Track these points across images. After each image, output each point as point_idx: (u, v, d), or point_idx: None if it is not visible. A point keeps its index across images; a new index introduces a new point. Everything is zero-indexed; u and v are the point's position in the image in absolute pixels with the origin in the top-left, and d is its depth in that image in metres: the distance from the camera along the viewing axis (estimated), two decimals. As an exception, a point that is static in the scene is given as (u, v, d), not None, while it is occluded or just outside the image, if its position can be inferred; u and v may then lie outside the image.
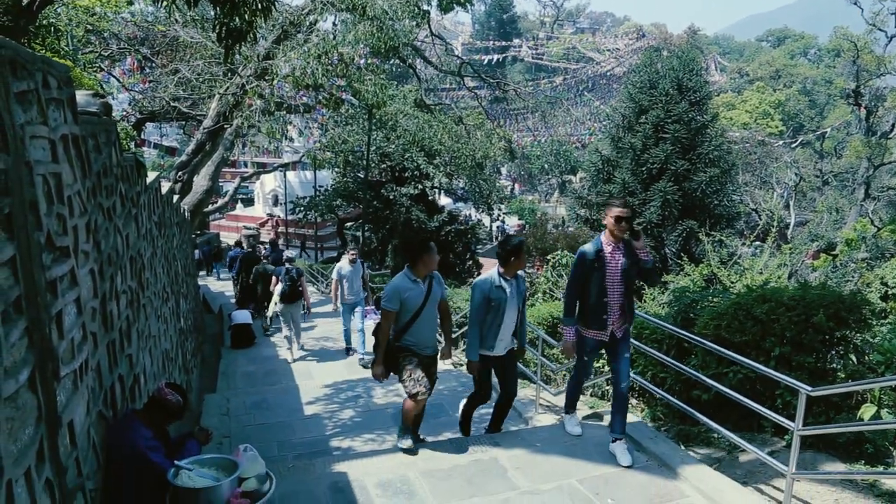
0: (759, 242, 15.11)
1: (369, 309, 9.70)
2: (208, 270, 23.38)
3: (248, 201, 41.92)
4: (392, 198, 20.31)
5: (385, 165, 20.77)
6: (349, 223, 24.66)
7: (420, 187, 20.48)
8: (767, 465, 4.04)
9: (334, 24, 12.79)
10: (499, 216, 27.08)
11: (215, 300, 16.10)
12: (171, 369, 5.33)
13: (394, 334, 4.69)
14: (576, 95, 66.81)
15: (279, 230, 35.97)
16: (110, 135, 3.39)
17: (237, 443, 4.17)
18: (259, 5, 4.94)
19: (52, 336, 2.17)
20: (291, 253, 11.12)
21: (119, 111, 16.15)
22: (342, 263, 9.24)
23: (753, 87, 63.91)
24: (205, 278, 21.27)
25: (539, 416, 6.27)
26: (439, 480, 4.27)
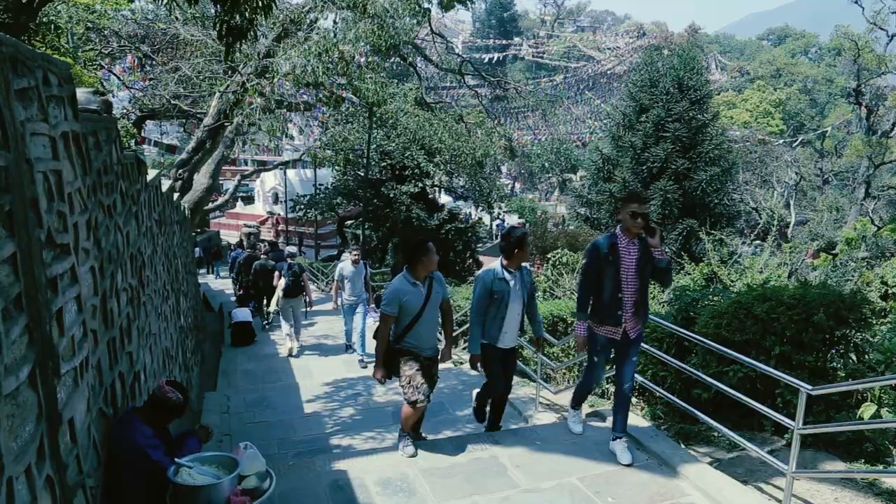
0: (759, 241, 15.10)
1: (371, 308, 9.69)
2: (209, 269, 23.41)
3: (249, 199, 41.89)
4: (392, 196, 20.30)
5: (385, 164, 20.75)
6: (349, 221, 24.63)
7: (420, 185, 20.47)
8: (767, 463, 4.04)
9: (335, 22, 12.76)
10: (499, 214, 27.02)
11: (215, 298, 16.11)
12: (171, 367, 5.33)
13: (394, 336, 4.64)
14: (576, 94, 66.77)
15: (279, 228, 35.95)
16: (111, 132, 3.39)
17: (237, 440, 4.17)
18: (260, 3, 4.93)
19: (52, 333, 2.17)
20: (292, 248, 11.15)
21: (119, 109, 16.14)
22: (344, 264, 9.10)
23: (754, 85, 63.87)
24: (205, 276, 21.28)
25: (539, 414, 6.28)
26: (439, 479, 4.28)
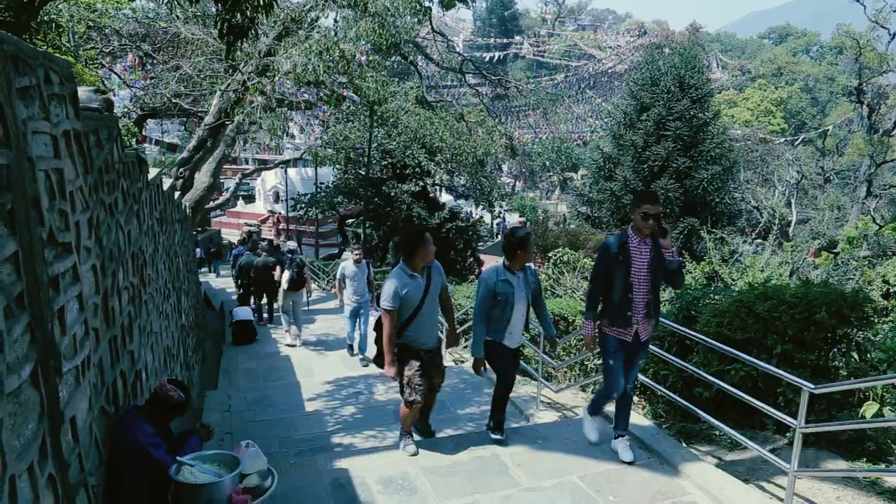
0: (760, 240, 15.09)
1: (373, 307, 9.66)
2: (210, 268, 23.42)
3: (250, 198, 41.95)
4: (393, 195, 20.29)
5: (386, 162, 20.75)
6: (350, 220, 24.65)
7: (421, 184, 20.47)
8: (769, 462, 4.04)
9: (336, 21, 12.75)
10: (499, 213, 27.00)
11: (217, 297, 16.11)
12: (172, 366, 5.33)
13: (395, 330, 4.54)
14: (577, 93, 66.77)
15: (280, 227, 35.97)
16: (112, 131, 3.38)
17: (239, 439, 4.17)
18: (261, 1, 4.93)
19: (54, 332, 2.17)
20: (292, 244, 11.24)
21: (120, 107, 16.13)
22: (346, 263, 8.99)
23: (755, 84, 63.85)
24: (206, 275, 21.29)
25: (540, 413, 6.27)
26: (440, 477, 4.28)
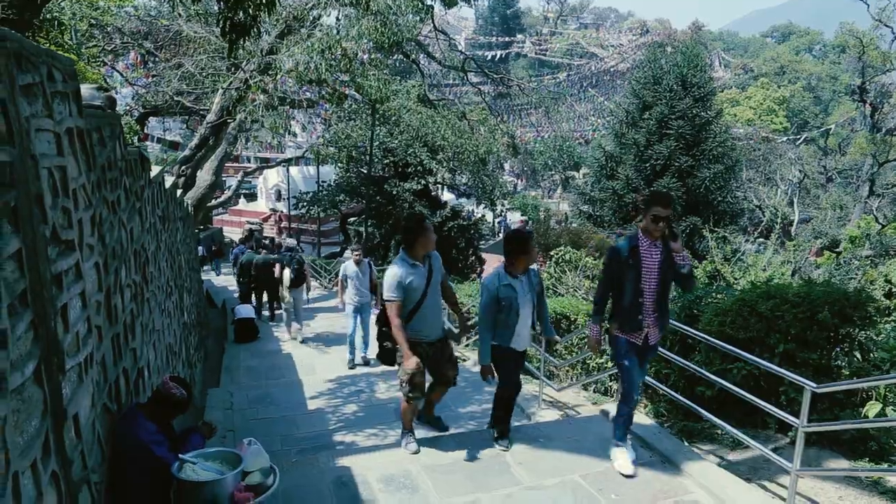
0: (762, 239, 15.07)
1: (374, 306, 9.62)
2: (211, 266, 23.43)
3: (251, 196, 41.91)
4: (395, 193, 20.28)
5: (388, 161, 20.74)
6: (352, 218, 24.65)
7: (423, 183, 20.45)
8: (771, 461, 4.03)
9: (338, 19, 12.74)
10: (501, 212, 26.98)
11: (219, 295, 16.12)
12: (174, 363, 5.34)
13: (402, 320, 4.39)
14: (579, 91, 66.73)
15: (282, 225, 35.98)
16: (115, 128, 3.39)
17: (241, 437, 4.17)
18: (263, -1, 4.93)
19: (57, 329, 2.17)
20: (291, 242, 11.30)
21: (122, 105, 16.14)
22: (347, 263, 8.88)
23: (758, 83, 63.72)
24: (207, 273, 21.31)
25: (542, 411, 6.28)
26: (442, 475, 4.28)
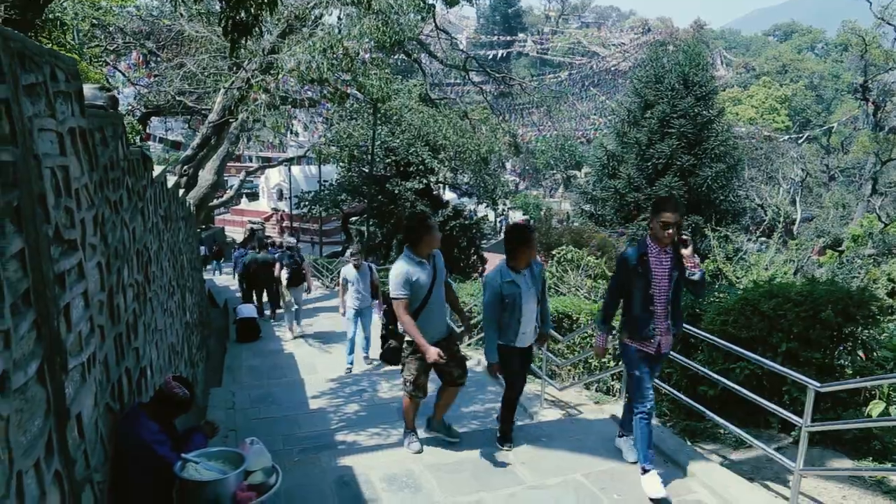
0: (764, 238, 15.06)
1: (375, 305, 9.55)
2: (214, 267, 23.45)
3: (253, 196, 41.98)
4: (397, 192, 20.29)
5: (390, 160, 20.75)
6: (354, 218, 24.67)
7: (425, 182, 20.45)
8: (773, 461, 4.02)
9: (339, 19, 12.73)
10: (503, 211, 27.00)
11: (220, 294, 16.14)
12: (177, 363, 5.34)
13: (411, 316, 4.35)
14: (581, 90, 66.65)
15: (284, 224, 36.02)
16: (117, 128, 3.39)
17: (243, 436, 4.18)
18: (265, -1, 4.93)
19: (60, 329, 2.17)
20: (291, 240, 11.39)
21: (124, 105, 16.15)
22: (347, 268, 8.69)
23: (760, 81, 63.62)
24: (210, 272, 21.33)
25: (544, 411, 6.27)
26: (445, 474, 4.28)
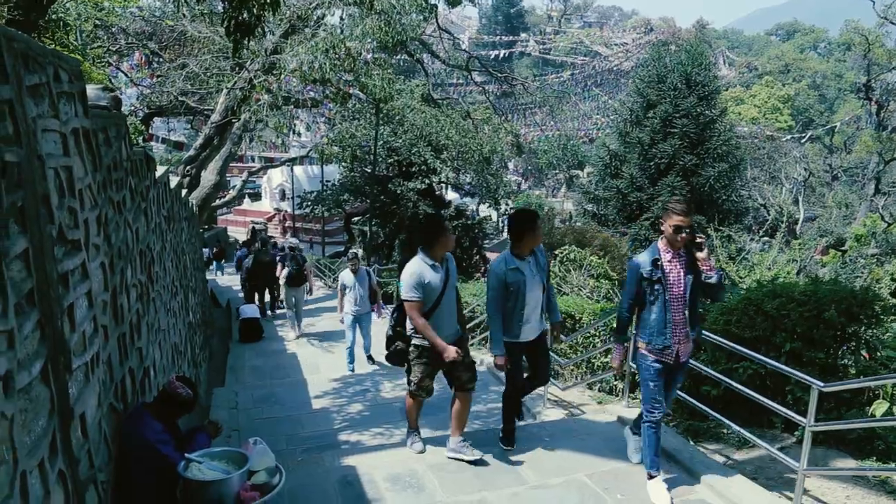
0: (767, 238, 15.03)
1: (376, 306, 9.47)
2: (217, 267, 23.49)
3: (256, 196, 42.04)
4: (399, 192, 20.29)
5: (392, 160, 20.75)
6: (356, 218, 24.69)
7: (427, 182, 20.44)
8: (777, 460, 4.02)
9: (342, 19, 12.74)
10: (505, 211, 26.99)
11: (223, 294, 16.16)
12: (180, 363, 5.35)
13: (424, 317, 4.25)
14: (583, 90, 66.59)
15: (286, 225, 36.07)
16: (120, 129, 3.40)
17: (246, 436, 4.18)
18: (267, -1, 4.94)
19: (64, 329, 2.18)
20: (293, 240, 11.40)
21: (127, 106, 16.19)
22: (345, 273, 8.63)
23: (762, 81, 63.46)
24: (212, 272, 21.37)
25: (547, 410, 6.27)
26: (448, 474, 4.28)
